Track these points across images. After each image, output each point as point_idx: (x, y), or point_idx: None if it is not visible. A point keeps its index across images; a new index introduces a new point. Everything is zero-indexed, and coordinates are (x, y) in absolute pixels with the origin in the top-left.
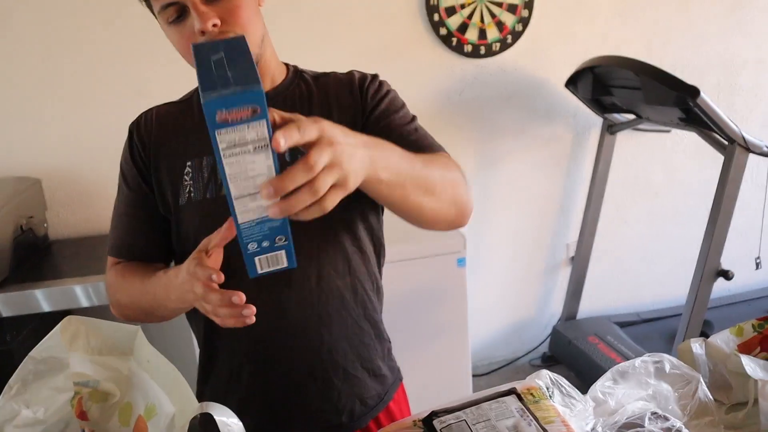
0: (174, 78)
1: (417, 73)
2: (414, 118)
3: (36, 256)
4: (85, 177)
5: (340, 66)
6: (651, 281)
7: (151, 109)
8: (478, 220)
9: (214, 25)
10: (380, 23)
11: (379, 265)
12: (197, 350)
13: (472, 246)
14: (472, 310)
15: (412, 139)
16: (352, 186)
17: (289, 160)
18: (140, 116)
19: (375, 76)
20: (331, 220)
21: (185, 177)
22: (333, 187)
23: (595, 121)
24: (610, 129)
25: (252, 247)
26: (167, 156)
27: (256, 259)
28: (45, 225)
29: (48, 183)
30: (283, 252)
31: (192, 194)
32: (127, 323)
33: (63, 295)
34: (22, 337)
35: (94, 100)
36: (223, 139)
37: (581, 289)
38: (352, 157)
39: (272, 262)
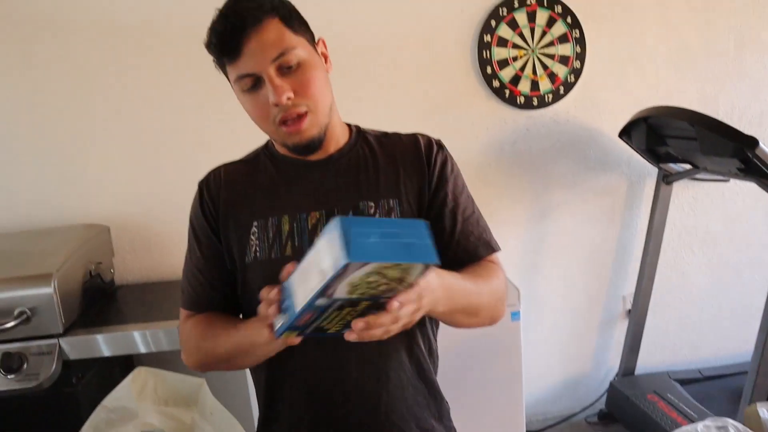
0: (233, 133)
1: (470, 124)
2: (471, 200)
3: (102, 300)
4: (149, 225)
5: (396, 118)
6: (713, 335)
7: (218, 168)
8: (531, 273)
9: (288, 98)
10: (434, 76)
11: (434, 327)
12: (257, 403)
13: (525, 299)
14: (527, 364)
15: (473, 239)
16: (417, 319)
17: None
18: (209, 174)
19: (440, 146)
20: None
21: (251, 236)
22: None
23: (650, 170)
24: (666, 179)
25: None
26: (235, 215)
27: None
28: (112, 270)
29: (115, 230)
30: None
31: (258, 253)
32: (193, 374)
33: (123, 340)
34: (86, 380)
35: (160, 153)
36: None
37: (639, 343)
38: (427, 303)
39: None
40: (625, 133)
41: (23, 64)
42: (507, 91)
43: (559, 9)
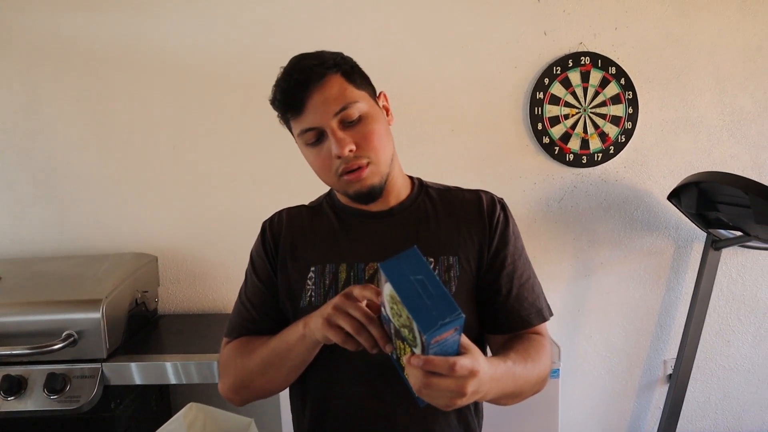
0: (284, 173)
1: (518, 177)
2: (528, 264)
3: (145, 329)
4: (195, 258)
5: (446, 168)
6: (757, 407)
7: (282, 211)
8: (572, 330)
9: (351, 150)
10: (486, 129)
11: None
12: None
13: (565, 356)
14: (563, 422)
15: (527, 305)
16: (466, 402)
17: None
18: (274, 215)
19: (503, 206)
20: None
21: (308, 281)
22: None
23: (699, 234)
24: (715, 244)
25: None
26: (294, 258)
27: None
28: (156, 300)
29: (162, 260)
30: None
31: (312, 298)
32: (243, 413)
33: (154, 370)
34: (123, 406)
35: (211, 189)
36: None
37: (679, 410)
38: (480, 388)
39: None
40: (675, 196)
41: (92, 97)
42: (557, 148)
43: (613, 70)
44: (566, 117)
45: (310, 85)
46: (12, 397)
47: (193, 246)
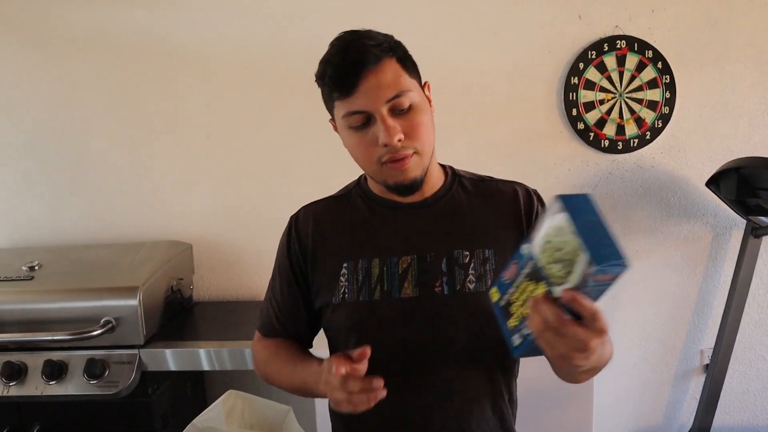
0: (317, 162)
1: (553, 164)
2: None
3: (180, 316)
4: (229, 245)
5: (479, 154)
6: None
7: (309, 205)
8: (607, 318)
9: (399, 140)
10: (519, 115)
11: (516, 374)
12: None
13: None
14: (598, 412)
15: None
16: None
17: None
18: (300, 210)
19: (539, 198)
20: (483, 351)
21: (341, 278)
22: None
23: (738, 222)
24: (755, 232)
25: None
26: (324, 254)
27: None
28: (191, 287)
29: (197, 248)
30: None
31: (346, 295)
32: (280, 399)
33: (188, 357)
34: (160, 391)
35: (245, 177)
36: (585, 281)
37: (716, 401)
38: (597, 350)
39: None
40: (713, 183)
41: (126, 88)
42: (592, 134)
43: (649, 54)
44: (601, 102)
45: (365, 67)
46: (53, 382)
47: (227, 234)
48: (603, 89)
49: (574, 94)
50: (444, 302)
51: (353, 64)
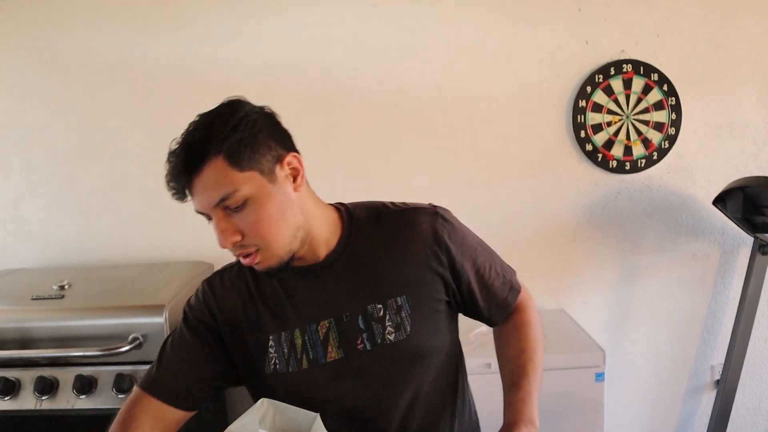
0: (332, 182)
1: (561, 185)
2: (481, 248)
3: None
4: None
5: (489, 176)
6: None
7: (224, 274)
8: (617, 335)
9: (235, 242)
10: (528, 137)
11: (461, 372)
12: None
13: (610, 360)
14: (609, 427)
15: (499, 292)
16: None
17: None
18: (214, 277)
19: (444, 219)
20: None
21: (270, 350)
22: None
23: (746, 239)
24: (762, 249)
25: None
26: (250, 327)
27: None
28: None
29: (217, 267)
30: None
31: (277, 366)
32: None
33: None
34: None
35: None
36: None
37: (728, 417)
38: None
39: None
40: (720, 201)
41: (149, 114)
42: (600, 155)
43: (655, 77)
44: (609, 124)
45: (188, 172)
46: (83, 396)
47: None
48: (610, 111)
49: (582, 116)
50: (369, 358)
51: (177, 170)
